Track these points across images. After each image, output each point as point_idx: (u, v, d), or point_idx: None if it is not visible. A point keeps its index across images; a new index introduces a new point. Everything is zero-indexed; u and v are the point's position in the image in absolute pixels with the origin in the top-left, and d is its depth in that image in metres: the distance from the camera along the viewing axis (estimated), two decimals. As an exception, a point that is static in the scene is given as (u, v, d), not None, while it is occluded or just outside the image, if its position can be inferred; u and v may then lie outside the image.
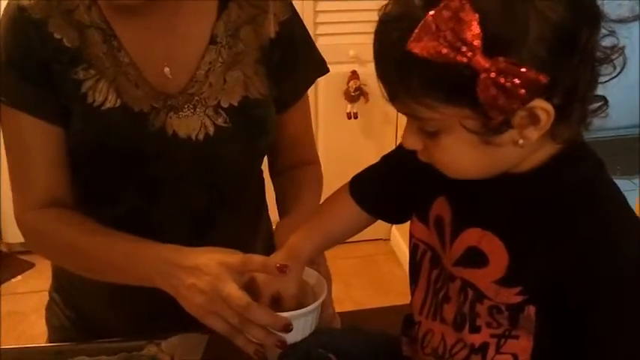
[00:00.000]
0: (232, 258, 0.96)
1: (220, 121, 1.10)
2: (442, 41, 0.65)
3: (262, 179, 1.30)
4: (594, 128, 0.75)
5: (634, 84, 0.71)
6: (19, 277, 3.03)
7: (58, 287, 1.29)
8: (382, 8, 0.72)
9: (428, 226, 0.88)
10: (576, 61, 0.68)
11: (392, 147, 0.97)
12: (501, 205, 0.78)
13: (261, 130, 1.16)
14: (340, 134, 3.08)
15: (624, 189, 0.77)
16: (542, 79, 0.64)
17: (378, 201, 0.99)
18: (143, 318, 1.12)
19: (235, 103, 1.11)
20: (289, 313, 0.93)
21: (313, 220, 1.03)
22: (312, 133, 1.33)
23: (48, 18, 1.04)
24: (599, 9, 0.69)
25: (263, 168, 1.29)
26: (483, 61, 0.64)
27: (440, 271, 0.86)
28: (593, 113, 0.73)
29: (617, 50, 0.71)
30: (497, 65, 0.64)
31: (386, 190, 0.98)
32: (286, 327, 0.91)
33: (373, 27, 0.72)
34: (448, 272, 0.84)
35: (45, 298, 1.32)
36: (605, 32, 0.70)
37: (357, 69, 2.97)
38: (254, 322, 0.91)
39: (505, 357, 0.79)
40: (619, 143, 2.12)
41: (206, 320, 0.94)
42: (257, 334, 0.92)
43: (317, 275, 1.01)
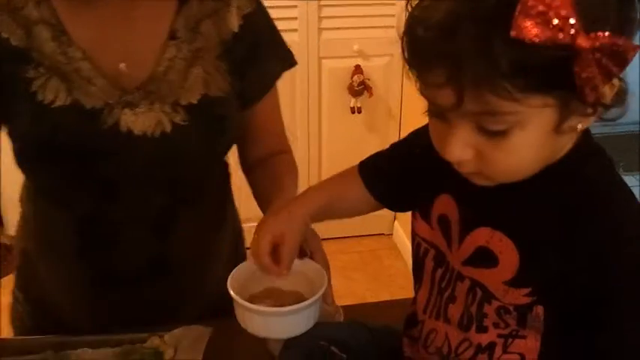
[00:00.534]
0: None
1: (178, 119, 1.07)
2: (542, 22, 0.61)
3: (227, 172, 1.27)
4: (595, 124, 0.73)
5: (635, 80, 0.70)
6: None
7: (21, 285, 1.26)
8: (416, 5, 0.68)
9: (430, 225, 0.87)
10: (636, 22, 0.66)
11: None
12: (512, 205, 0.77)
13: (221, 129, 1.13)
14: (344, 128, 3.08)
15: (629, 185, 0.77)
16: (633, 46, 0.62)
17: (383, 186, 1.00)
18: (102, 315, 1.12)
19: (195, 102, 1.08)
20: (289, 308, 0.92)
21: (318, 186, 1.04)
22: (282, 123, 1.28)
23: None
24: None
25: (233, 161, 1.26)
26: (584, 39, 0.61)
27: (445, 271, 0.86)
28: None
29: None
30: (598, 41, 0.61)
31: (391, 177, 0.98)
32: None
33: (377, 21, 0.69)
34: (456, 272, 0.83)
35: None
36: None
37: (361, 63, 2.93)
38: None
39: (512, 356, 0.79)
40: (621, 139, 2.12)
41: None
42: None
43: (317, 267, 1.01)
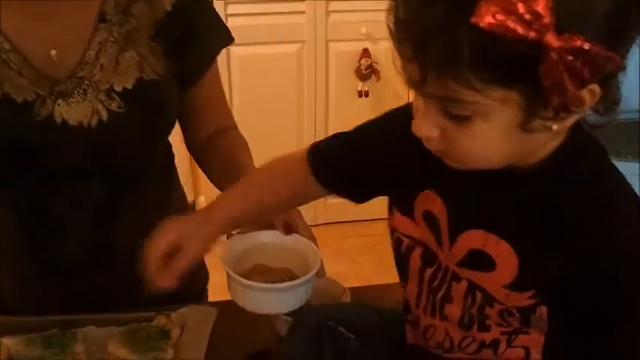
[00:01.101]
0: None
1: (114, 106, 1.04)
2: (511, 15, 0.58)
3: (170, 153, 1.25)
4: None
5: (635, 67, 0.69)
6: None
7: None
8: None
9: (414, 221, 0.84)
10: (629, 39, 0.64)
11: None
12: (505, 206, 0.75)
13: (159, 114, 1.10)
14: (351, 112, 3.06)
15: (629, 172, 0.75)
16: (613, 58, 0.59)
17: (338, 174, 0.93)
18: (52, 306, 1.11)
19: (129, 87, 1.05)
20: (281, 285, 0.94)
21: (248, 182, 0.99)
22: (225, 100, 1.26)
23: None
24: None
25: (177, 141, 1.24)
26: (554, 39, 0.58)
27: (437, 270, 0.83)
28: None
29: None
30: (569, 43, 0.58)
31: (351, 166, 0.92)
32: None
33: (385, 4, 0.66)
34: (450, 271, 0.81)
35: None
36: None
37: (369, 47, 2.93)
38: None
39: (517, 350, 0.78)
40: (621, 127, 2.11)
41: None
42: None
43: (307, 242, 1.00)
